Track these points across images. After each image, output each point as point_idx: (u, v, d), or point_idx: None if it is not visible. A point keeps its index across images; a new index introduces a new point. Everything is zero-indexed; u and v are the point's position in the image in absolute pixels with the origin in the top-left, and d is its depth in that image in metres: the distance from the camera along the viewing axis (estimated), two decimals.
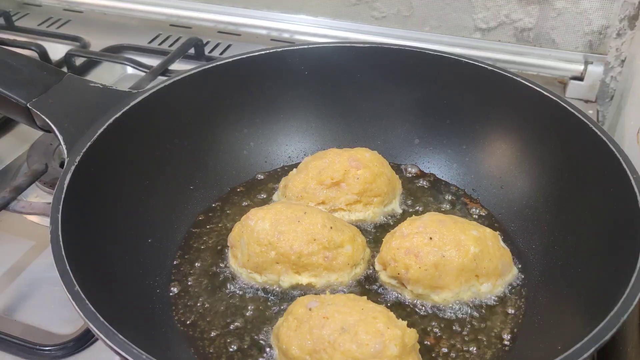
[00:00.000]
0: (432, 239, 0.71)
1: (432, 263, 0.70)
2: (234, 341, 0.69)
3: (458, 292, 0.71)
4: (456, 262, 0.70)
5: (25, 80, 0.82)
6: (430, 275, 0.70)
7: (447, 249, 0.70)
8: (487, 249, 0.72)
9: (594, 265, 0.68)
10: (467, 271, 0.71)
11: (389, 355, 0.59)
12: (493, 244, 0.74)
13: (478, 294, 0.73)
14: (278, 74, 0.93)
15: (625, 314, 0.54)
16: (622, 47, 1.08)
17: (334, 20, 1.26)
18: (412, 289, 0.72)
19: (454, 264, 0.70)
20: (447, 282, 0.70)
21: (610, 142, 0.71)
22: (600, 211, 0.71)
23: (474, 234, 0.72)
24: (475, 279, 0.72)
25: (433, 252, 0.70)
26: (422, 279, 0.70)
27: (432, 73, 0.91)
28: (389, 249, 0.73)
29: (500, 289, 0.74)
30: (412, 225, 0.73)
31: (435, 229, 0.72)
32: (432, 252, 0.70)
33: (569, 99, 0.95)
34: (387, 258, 0.73)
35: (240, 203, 0.88)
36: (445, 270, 0.70)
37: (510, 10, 1.12)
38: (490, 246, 0.73)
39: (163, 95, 0.83)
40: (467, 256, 0.70)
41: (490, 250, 0.73)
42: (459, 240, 0.71)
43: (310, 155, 0.89)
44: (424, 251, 0.71)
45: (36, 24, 1.40)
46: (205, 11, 1.34)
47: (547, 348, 0.62)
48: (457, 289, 0.71)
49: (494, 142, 0.90)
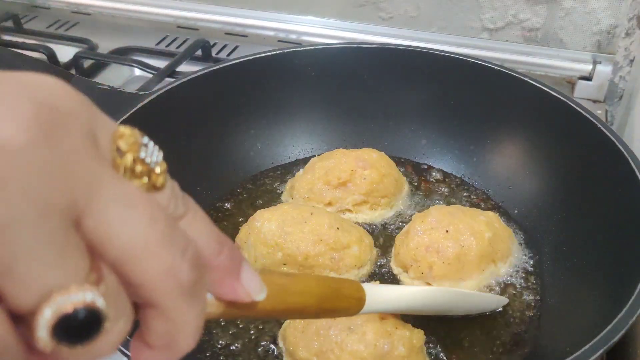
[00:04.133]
0: (449, 232, 0.71)
1: (454, 255, 0.70)
2: (240, 343, 0.69)
3: (480, 279, 0.72)
4: (475, 250, 0.70)
5: None
6: (454, 268, 0.70)
7: (464, 239, 0.71)
8: (497, 231, 0.74)
9: (603, 266, 0.68)
10: (486, 256, 0.71)
11: (396, 355, 0.59)
12: (499, 224, 0.75)
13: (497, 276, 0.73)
14: (285, 75, 0.93)
15: (635, 315, 0.54)
16: (631, 47, 1.08)
17: (341, 22, 1.26)
18: (437, 284, 0.71)
19: (474, 252, 0.70)
20: (470, 271, 0.71)
21: (619, 142, 0.71)
22: (608, 212, 0.71)
23: (482, 219, 0.74)
24: (493, 263, 0.73)
25: (452, 244, 0.70)
26: (448, 274, 0.70)
27: (439, 73, 0.91)
28: (408, 250, 0.72)
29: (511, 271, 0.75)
30: (424, 221, 0.73)
31: (448, 220, 0.72)
32: (452, 245, 0.70)
33: (577, 99, 0.95)
34: (407, 259, 0.72)
35: (247, 204, 0.88)
36: (467, 260, 0.70)
37: (517, 10, 1.12)
38: (498, 228, 0.74)
39: (170, 96, 0.83)
40: (484, 242, 0.71)
41: (500, 232, 0.74)
42: (473, 228, 0.71)
43: (317, 156, 0.89)
44: (444, 245, 0.71)
45: (45, 26, 1.41)
46: (212, 13, 1.34)
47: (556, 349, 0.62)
48: (480, 275, 0.72)
49: (501, 142, 0.89)
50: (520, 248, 0.79)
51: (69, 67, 1.18)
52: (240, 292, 0.34)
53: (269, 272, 0.40)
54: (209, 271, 0.32)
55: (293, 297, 0.40)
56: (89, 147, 0.26)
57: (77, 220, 0.25)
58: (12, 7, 1.48)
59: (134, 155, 0.28)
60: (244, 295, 0.34)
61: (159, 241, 0.27)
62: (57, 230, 0.24)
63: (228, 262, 0.33)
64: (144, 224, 0.27)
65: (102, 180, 0.26)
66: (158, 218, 0.27)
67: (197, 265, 0.29)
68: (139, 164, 0.29)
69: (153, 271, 0.27)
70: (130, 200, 0.27)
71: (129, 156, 0.28)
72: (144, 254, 0.26)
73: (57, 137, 0.24)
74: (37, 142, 0.24)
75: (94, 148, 0.27)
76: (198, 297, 0.30)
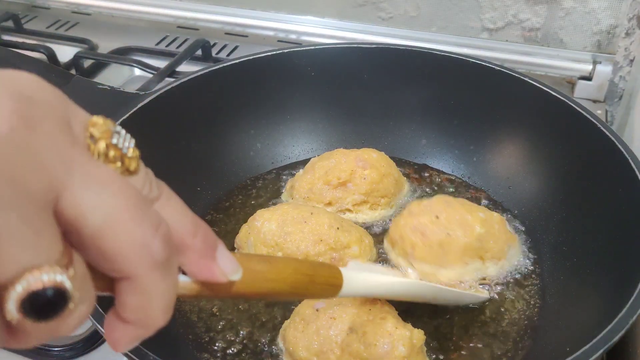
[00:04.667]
0: (439, 218, 0.72)
1: (438, 241, 0.71)
2: (240, 342, 0.69)
3: (462, 272, 0.72)
4: (461, 241, 0.71)
5: None
6: (435, 253, 0.71)
7: (452, 228, 0.71)
8: (492, 230, 0.73)
9: (603, 266, 0.68)
10: (471, 250, 0.71)
11: (397, 355, 0.59)
12: (499, 227, 0.75)
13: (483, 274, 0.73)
14: (285, 75, 0.93)
15: (635, 314, 0.54)
16: (631, 47, 1.08)
17: (341, 21, 1.26)
18: (418, 267, 0.72)
19: (459, 243, 0.71)
20: (451, 260, 0.71)
21: (619, 142, 0.71)
22: (608, 212, 0.71)
23: (480, 216, 0.73)
24: (480, 260, 0.73)
25: (439, 230, 0.71)
26: (427, 257, 0.71)
27: (439, 73, 0.91)
28: (397, 227, 0.74)
29: (507, 273, 0.74)
30: (420, 205, 0.75)
31: (442, 208, 0.73)
32: (438, 231, 0.71)
33: (577, 99, 0.95)
34: (396, 236, 0.74)
35: (247, 204, 0.88)
36: (450, 248, 0.71)
37: (517, 10, 1.12)
38: (496, 229, 0.74)
39: (170, 96, 0.83)
40: (471, 236, 0.71)
41: (496, 233, 0.73)
42: (464, 220, 0.72)
43: (317, 156, 0.89)
44: (430, 229, 0.71)
45: (45, 26, 1.41)
46: (212, 13, 1.34)
47: (556, 349, 0.62)
48: (462, 268, 0.72)
49: (501, 142, 0.89)
50: (521, 252, 0.78)
51: (69, 67, 1.18)
52: (216, 272, 0.35)
53: (247, 257, 0.41)
54: (184, 252, 0.34)
55: (267, 283, 0.42)
56: (64, 134, 0.28)
57: (54, 200, 0.27)
58: (12, 7, 1.48)
59: (106, 141, 0.30)
60: (219, 275, 0.35)
61: (132, 217, 0.29)
62: (35, 212, 0.25)
63: (203, 243, 0.35)
64: (118, 200, 0.28)
65: (77, 162, 0.28)
66: (130, 195, 0.29)
67: (169, 242, 0.31)
68: (112, 150, 0.31)
69: (127, 244, 0.28)
70: (104, 180, 0.28)
71: (101, 142, 0.30)
72: (118, 229, 0.28)
73: (34, 124, 0.26)
74: (16, 130, 0.25)
75: (69, 134, 0.29)
76: (169, 271, 0.31)
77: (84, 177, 0.28)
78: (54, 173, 0.27)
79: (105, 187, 0.28)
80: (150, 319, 0.32)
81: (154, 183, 0.33)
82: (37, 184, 0.26)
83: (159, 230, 0.30)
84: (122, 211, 0.28)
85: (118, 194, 0.28)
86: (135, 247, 0.29)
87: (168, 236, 0.31)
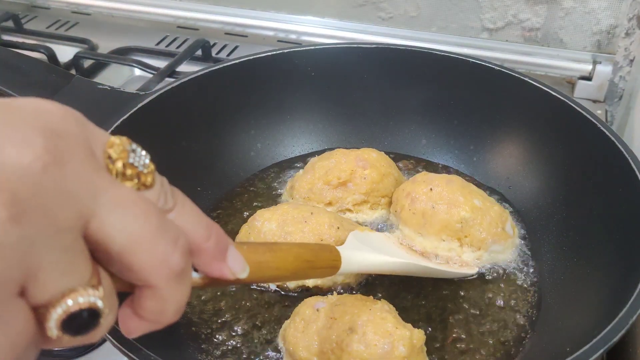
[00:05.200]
0: (432, 191, 0.76)
1: (422, 210, 0.76)
2: (240, 342, 0.69)
3: (437, 245, 0.76)
4: (441, 217, 0.75)
5: (34, 82, 0.83)
6: (417, 221, 0.76)
7: (439, 203, 0.75)
8: (480, 220, 0.75)
9: (603, 266, 0.68)
10: (449, 229, 0.75)
11: (397, 355, 0.59)
12: (492, 220, 0.76)
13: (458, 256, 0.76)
14: (285, 75, 0.93)
15: (635, 314, 0.54)
16: (631, 47, 1.08)
17: (341, 21, 1.26)
18: (402, 228, 0.78)
19: (439, 218, 0.75)
20: (429, 231, 0.75)
21: (619, 142, 0.71)
22: (609, 212, 0.71)
23: (474, 202, 0.75)
24: (457, 242, 0.75)
25: (426, 201, 0.76)
26: (410, 222, 0.77)
27: (440, 73, 0.91)
28: (399, 189, 0.81)
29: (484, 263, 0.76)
30: (426, 176, 0.80)
31: (440, 183, 0.77)
32: (425, 201, 0.76)
33: (577, 99, 0.95)
34: (395, 196, 0.81)
35: (247, 204, 0.88)
36: (430, 220, 0.75)
37: (517, 10, 1.12)
38: (486, 220, 0.75)
39: (170, 97, 0.83)
40: (454, 216, 0.74)
41: (483, 223, 0.75)
42: (455, 200, 0.75)
43: (317, 156, 0.89)
44: (419, 197, 0.77)
45: (45, 26, 1.41)
46: (212, 13, 1.34)
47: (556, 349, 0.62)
48: (437, 242, 0.76)
49: (501, 142, 0.89)
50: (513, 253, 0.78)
51: (69, 67, 1.18)
52: (226, 272, 0.39)
53: (253, 249, 0.45)
54: (198, 254, 0.37)
55: (270, 271, 0.46)
56: (89, 162, 0.31)
57: (84, 226, 0.30)
58: (12, 7, 1.48)
59: (123, 161, 0.33)
60: (229, 274, 0.39)
61: (153, 235, 0.32)
62: (71, 241, 0.29)
63: (215, 247, 0.38)
64: (140, 221, 0.31)
65: (101, 188, 0.31)
66: (151, 215, 0.32)
67: (187, 254, 0.34)
68: (128, 168, 0.33)
69: (150, 260, 0.32)
70: (126, 202, 0.31)
71: (119, 162, 0.33)
72: (142, 247, 0.31)
73: (64, 160, 0.29)
74: (49, 167, 0.28)
75: (93, 161, 0.31)
76: (185, 279, 0.35)
77: (108, 201, 0.30)
78: (84, 202, 0.29)
79: (128, 209, 0.31)
80: (164, 319, 0.35)
81: (169, 193, 0.36)
82: (69, 215, 0.29)
83: (177, 244, 0.33)
84: (144, 230, 0.31)
85: (139, 214, 0.32)
86: (156, 262, 0.32)
87: (186, 248, 0.34)
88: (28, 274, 0.27)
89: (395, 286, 0.75)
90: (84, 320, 0.30)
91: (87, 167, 0.30)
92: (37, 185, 0.27)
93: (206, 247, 0.37)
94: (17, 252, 0.27)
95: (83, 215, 0.29)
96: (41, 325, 0.29)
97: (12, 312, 0.27)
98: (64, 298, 0.29)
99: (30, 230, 0.27)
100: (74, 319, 0.29)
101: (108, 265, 0.32)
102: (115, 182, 0.32)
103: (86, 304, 0.29)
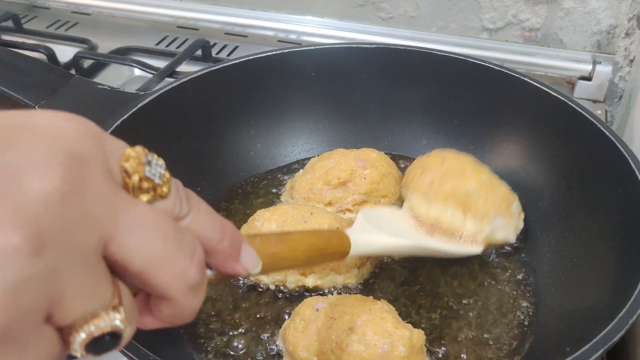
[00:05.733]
0: (443, 164, 0.79)
1: (430, 179, 0.77)
2: (240, 343, 0.69)
3: (441, 214, 0.77)
4: (447, 186, 0.76)
5: (34, 82, 0.83)
6: (424, 188, 0.78)
7: (447, 174, 0.77)
8: (485, 194, 0.76)
9: (603, 267, 0.68)
10: (454, 199, 0.76)
11: (396, 355, 0.59)
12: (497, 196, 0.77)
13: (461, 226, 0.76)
14: (285, 75, 0.93)
15: (635, 314, 0.54)
16: (631, 47, 1.08)
17: (341, 22, 1.26)
18: (410, 197, 0.80)
19: (445, 187, 0.76)
20: (435, 200, 0.77)
21: (618, 143, 0.71)
22: (608, 212, 0.71)
23: (482, 178, 0.77)
24: (462, 212, 0.76)
25: (436, 171, 0.78)
26: (418, 189, 0.78)
27: (439, 73, 0.91)
28: (412, 164, 0.84)
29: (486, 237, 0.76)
30: (439, 151, 0.82)
31: (452, 157, 0.79)
32: (435, 171, 0.78)
33: (577, 99, 0.95)
34: (407, 171, 0.83)
35: (247, 204, 0.88)
36: (437, 190, 0.77)
37: (517, 10, 1.12)
38: (491, 195, 0.76)
39: (170, 97, 0.83)
40: (460, 187, 0.76)
41: (489, 198, 0.76)
42: (463, 173, 0.77)
43: (317, 156, 0.89)
44: (430, 169, 0.79)
45: (44, 26, 1.41)
46: (212, 13, 1.34)
47: (556, 349, 0.62)
48: (442, 211, 0.77)
49: (501, 142, 0.89)
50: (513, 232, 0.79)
51: (69, 67, 1.18)
52: (239, 270, 0.40)
53: (265, 241, 0.46)
54: (213, 256, 0.38)
55: (282, 262, 0.47)
56: (109, 184, 0.31)
57: (103, 248, 0.30)
58: (12, 7, 1.48)
59: (140, 175, 0.33)
60: (242, 272, 0.40)
61: (170, 252, 0.32)
62: (93, 265, 0.29)
63: (230, 247, 0.38)
64: (159, 241, 0.32)
65: (120, 210, 0.31)
66: (169, 232, 0.33)
67: (203, 265, 0.35)
68: (145, 182, 0.33)
69: (168, 276, 0.33)
70: (144, 222, 0.32)
71: (135, 177, 0.33)
72: (160, 265, 0.32)
73: (85, 185, 0.29)
74: (69, 194, 0.28)
75: (112, 182, 0.31)
76: (201, 289, 0.36)
77: (126, 222, 0.31)
78: (104, 225, 0.30)
79: (146, 229, 0.31)
80: (179, 321, 0.36)
81: (184, 199, 0.36)
82: (91, 240, 0.29)
83: (194, 258, 0.34)
84: (163, 250, 0.32)
85: (158, 233, 0.32)
86: (174, 277, 0.33)
87: (202, 260, 0.35)
88: (53, 302, 0.28)
89: (395, 286, 0.75)
90: (106, 343, 0.31)
91: (106, 190, 0.30)
92: (58, 215, 0.27)
93: (221, 249, 0.38)
94: (42, 282, 0.27)
95: (104, 238, 0.30)
96: (66, 341, 0.30)
97: (39, 338, 0.28)
98: (87, 323, 0.29)
99: (53, 260, 0.27)
100: (97, 342, 0.30)
101: (127, 279, 0.32)
102: (133, 200, 0.32)
103: (108, 328, 0.30)
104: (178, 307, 0.35)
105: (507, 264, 0.78)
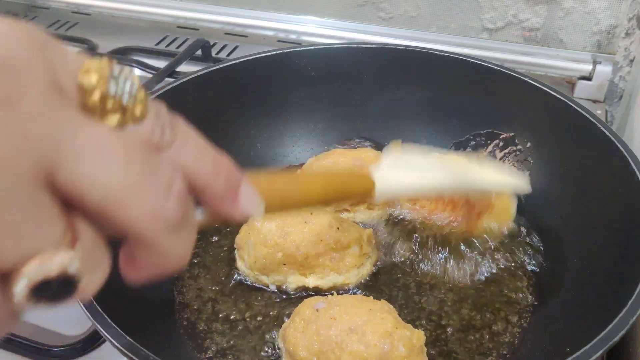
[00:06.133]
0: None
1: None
2: (240, 343, 0.69)
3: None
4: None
5: None
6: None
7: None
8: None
9: (603, 267, 0.68)
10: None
11: (397, 355, 0.59)
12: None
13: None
14: (285, 75, 0.93)
15: (635, 314, 0.54)
16: (631, 47, 1.08)
17: (341, 21, 1.26)
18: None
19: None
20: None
21: (619, 143, 0.71)
22: (608, 212, 0.71)
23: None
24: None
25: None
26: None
27: (439, 74, 0.91)
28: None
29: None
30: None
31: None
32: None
33: (577, 99, 0.95)
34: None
35: None
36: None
37: (517, 10, 1.12)
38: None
39: (170, 96, 0.83)
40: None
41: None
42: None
43: (314, 157, 0.89)
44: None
45: (44, 26, 1.41)
46: (212, 13, 1.34)
47: (556, 349, 0.62)
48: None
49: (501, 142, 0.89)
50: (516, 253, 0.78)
51: None
52: (236, 213, 0.34)
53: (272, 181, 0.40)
54: (204, 194, 0.32)
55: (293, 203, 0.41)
56: (51, 98, 0.25)
57: (47, 178, 0.24)
58: (12, 7, 1.48)
59: (101, 92, 0.27)
60: (239, 214, 0.34)
61: (137, 183, 0.26)
62: (28, 196, 0.23)
63: (225, 185, 0.33)
64: (119, 167, 0.26)
65: (67, 131, 0.25)
66: (134, 158, 0.26)
67: (184, 198, 0.29)
68: (109, 100, 0.27)
69: (136, 213, 0.26)
70: (100, 146, 0.25)
71: (96, 93, 0.26)
72: (124, 199, 0.26)
73: (15, 100, 0.23)
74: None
75: (57, 98, 0.25)
76: (186, 227, 0.29)
77: (76, 145, 0.25)
78: (44, 148, 0.24)
79: (103, 154, 0.25)
80: (165, 270, 0.30)
81: (166, 124, 0.30)
82: (24, 165, 0.23)
83: (171, 189, 0.28)
84: (126, 178, 0.26)
85: (118, 159, 0.26)
86: (146, 214, 0.27)
87: (183, 192, 0.29)
88: None
89: (395, 286, 0.75)
90: (57, 286, 0.25)
91: (46, 106, 0.24)
92: None
93: (214, 186, 0.32)
94: None
95: (43, 165, 0.24)
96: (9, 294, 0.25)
97: None
98: (26, 266, 0.24)
99: None
100: (44, 288, 0.24)
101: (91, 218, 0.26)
102: (86, 121, 0.26)
103: (54, 272, 0.24)
104: (158, 251, 0.28)
105: (507, 264, 0.77)
